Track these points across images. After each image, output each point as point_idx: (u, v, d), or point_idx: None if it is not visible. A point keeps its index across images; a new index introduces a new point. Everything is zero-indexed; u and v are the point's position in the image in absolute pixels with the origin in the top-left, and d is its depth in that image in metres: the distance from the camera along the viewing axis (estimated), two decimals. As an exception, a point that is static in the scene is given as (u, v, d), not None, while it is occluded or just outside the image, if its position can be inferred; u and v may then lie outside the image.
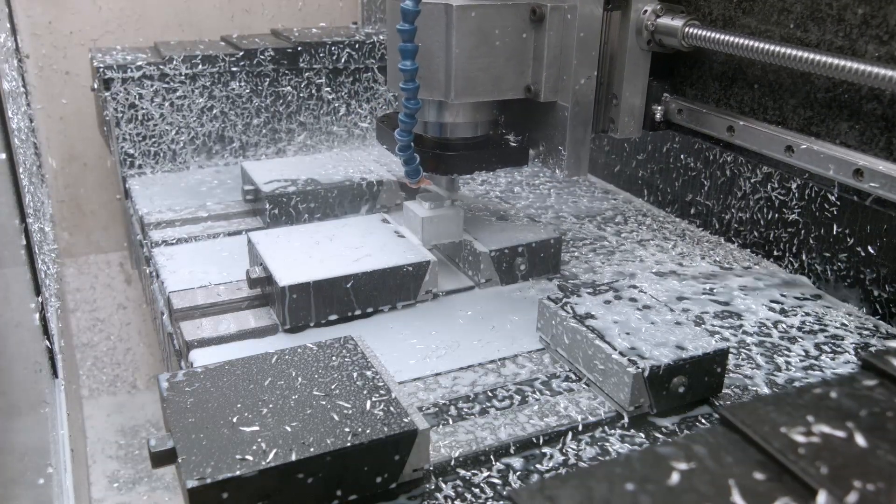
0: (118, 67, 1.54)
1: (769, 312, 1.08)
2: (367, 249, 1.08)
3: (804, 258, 1.16)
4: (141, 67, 1.55)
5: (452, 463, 0.78)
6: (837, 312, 1.08)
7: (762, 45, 0.94)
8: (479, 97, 1.03)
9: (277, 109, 1.68)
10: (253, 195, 1.38)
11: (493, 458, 0.79)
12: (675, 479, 0.37)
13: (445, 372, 0.94)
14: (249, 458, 0.66)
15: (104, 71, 1.54)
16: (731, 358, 0.94)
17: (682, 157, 1.38)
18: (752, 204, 1.24)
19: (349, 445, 0.68)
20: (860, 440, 0.38)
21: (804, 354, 0.98)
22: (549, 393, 0.89)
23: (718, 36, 1.00)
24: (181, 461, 0.66)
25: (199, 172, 1.63)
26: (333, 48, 1.66)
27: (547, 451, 0.80)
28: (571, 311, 0.93)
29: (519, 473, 0.77)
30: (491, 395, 0.89)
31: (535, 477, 0.77)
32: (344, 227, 1.16)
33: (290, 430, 0.70)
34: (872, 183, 0.86)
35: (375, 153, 1.52)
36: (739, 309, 1.09)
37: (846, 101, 0.91)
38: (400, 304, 1.07)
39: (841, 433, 0.39)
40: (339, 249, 1.08)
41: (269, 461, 0.66)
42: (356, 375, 0.78)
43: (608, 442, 0.82)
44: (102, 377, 2.15)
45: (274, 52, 1.62)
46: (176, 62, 1.57)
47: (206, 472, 0.64)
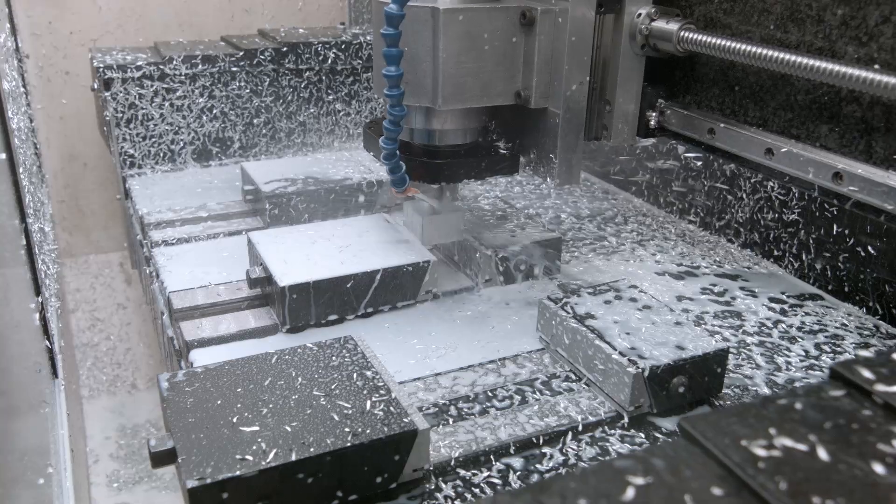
0: (118, 67, 1.54)
1: (769, 312, 1.08)
2: (367, 249, 1.08)
3: (804, 258, 1.16)
4: (141, 67, 1.55)
5: (452, 463, 0.78)
6: (837, 312, 1.08)
7: (768, 52, 0.91)
8: (467, 103, 1.00)
9: (278, 109, 1.68)
10: (253, 195, 1.38)
11: (493, 458, 0.79)
12: (629, 494, 0.36)
13: (445, 372, 0.94)
14: (249, 458, 0.66)
15: (104, 71, 1.54)
16: (731, 358, 0.94)
17: (682, 156, 1.38)
18: (752, 204, 1.24)
19: (349, 445, 0.68)
20: (822, 454, 0.37)
21: (804, 354, 0.98)
22: (549, 393, 0.89)
23: (716, 41, 0.98)
24: (181, 461, 0.66)
25: (199, 172, 1.63)
26: (320, 48, 1.66)
27: (547, 451, 0.80)
28: (571, 311, 0.93)
29: (519, 473, 0.77)
30: (491, 395, 0.89)
31: (535, 477, 0.77)
32: (344, 227, 1.16)
33: (290, 430, 0.70)
34: (851, 186, 0.85)
35: (375, 153, 1.52)
36: (739, 309, 1.09)
37: (826, 103, 0.90)
38: (400, 304, 1.07)
39: (803, 446, 0.38)
40: (339, 249, 1.08)
41: (269, 461, 0.66)
42: (356, 375, 0.78)
43: (608, 442, 0.82)
44: (102, 377, 2.15)
45: (274, 52, 1.62)
46: (176, 62, 1.57)
47: (206, 472, 0.64)
